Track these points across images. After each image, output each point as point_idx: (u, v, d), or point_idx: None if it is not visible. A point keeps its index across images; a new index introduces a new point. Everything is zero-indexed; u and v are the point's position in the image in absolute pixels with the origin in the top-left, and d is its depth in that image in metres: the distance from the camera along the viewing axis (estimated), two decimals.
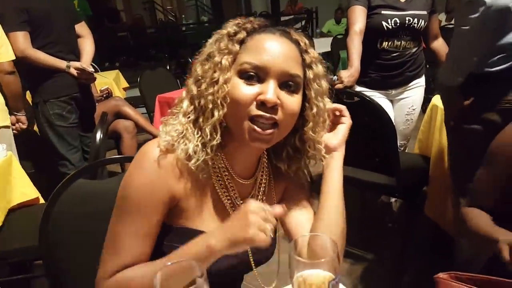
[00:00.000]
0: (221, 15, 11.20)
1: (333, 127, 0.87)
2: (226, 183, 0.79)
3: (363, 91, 2.04)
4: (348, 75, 1.86)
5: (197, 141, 0.72)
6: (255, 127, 0.70)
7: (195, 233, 0.73)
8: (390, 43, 1.96)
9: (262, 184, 0.85)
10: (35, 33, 2.08)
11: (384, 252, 2.10)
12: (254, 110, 0.70)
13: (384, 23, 1.91)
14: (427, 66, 2.25)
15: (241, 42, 0.74)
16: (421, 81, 2.14)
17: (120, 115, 3.00)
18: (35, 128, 2.42)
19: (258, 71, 0.71)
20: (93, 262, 0.75)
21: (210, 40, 0.77)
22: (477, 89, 1.31)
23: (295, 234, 0.85)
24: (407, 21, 1.91)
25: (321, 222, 0.82)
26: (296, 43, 0.76)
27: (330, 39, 6.27)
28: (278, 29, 0.76)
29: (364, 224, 2.30)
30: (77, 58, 2.30)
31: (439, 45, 2.10)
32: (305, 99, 0.77)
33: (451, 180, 1.58)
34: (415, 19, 1.92)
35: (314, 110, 0.78)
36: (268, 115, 0.70)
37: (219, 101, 0.71)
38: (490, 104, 1.27)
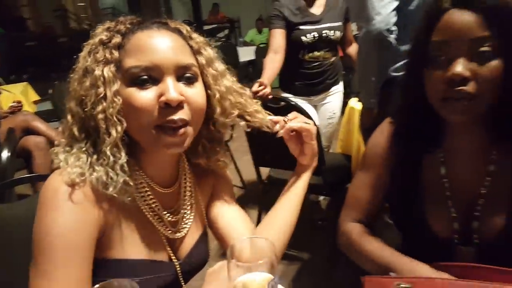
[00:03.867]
0: None
1: (300, 146, 0.83)
2: (148, 198, 0.73)
3: (288, 97, 2.18)
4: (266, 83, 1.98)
5: (105, 166, 0.65)
6: (165, 134, 0.66)
7: (128, 263, 0.69)
8: (310, 54, 2.15)
9: (188, 188, 0.81)
10: None
11: (317, 250, 2.18)
12: (159, 117, 0.65)
13: (303, 38, 2.09)
14: (343, 72, 2.43)
15: (119, 47, 0.67)
16: (339, 87, 2.33)
17: (29, 131, 2.72)
18: None
19: (151, 72, 0.65)
20: None
21: (82, 54, 0.70)
22: (385, 91, 1.42)
23: (227, 234, 0.84)
24: (324, 34, 2.10)
25: (270, 231, 0.82)
26: (178, 31, 0.72)
27: (253, 48, 6.43)
28: (152, 23, 0.71)
29: (295, 224, 2.37)
30: None
31: (354, 50, 2.27)
32: (205, 86, 0.73)
33: None
34: (331, 31, 2.10)
35: (217, 95, 0.74)
36: (176, 117, 0.65)
37: (114, 118, 0.64)
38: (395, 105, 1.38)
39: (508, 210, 0.77)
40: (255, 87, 1.90)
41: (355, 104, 2.12)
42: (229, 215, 0.86)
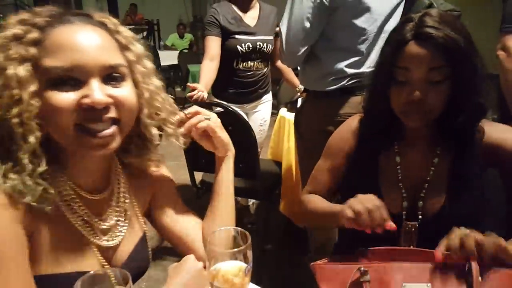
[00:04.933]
0: None
1: (205, 141, 0.83)
2: (75, 206, 0.68)
3: (221, 103, 2.21)
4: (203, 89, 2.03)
5: (21, 175, 0.59)
6: (88, 135, 0.62)
7: (59, 277, 0.64)
8: (244, 63, 2.22)
9: (121, 194, 0.76)
10: None
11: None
12: (79, 117, 0.60)
13: (239, 47, 2.16)
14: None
15: (36, 43, 0.60)
16: (269, 97, 2.47)
17: None
18: None
19: (73, 74, 0.59)
20: None
21: None
22: (317, 104, 1.56)
23: (187, 235, 0.85)
24: (258, 46, 2.19)
25: (214, 222, 0.85)
26: (103, 25, 0.66)
27: (175, 52, 6.37)
28: (76, 16, 0.64)
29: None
30: None
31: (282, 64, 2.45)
32: (134, 84, 0.68)
33: (300, 180, 1.84)
34: (264, 44, 2.21)
35: (146, 94, 0.70)
36: (100, 127, 0.62)
37: (31, 123, 0.58)
38: (327, 117, 1.50)
39: (445, 194, 0.94)
40: (188, 92, 1.93)
41: (286, 113, 2.29)
42: (180, 218, 0.86)
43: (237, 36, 2.16)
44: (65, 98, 0.59)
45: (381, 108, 0.96)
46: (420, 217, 0.96)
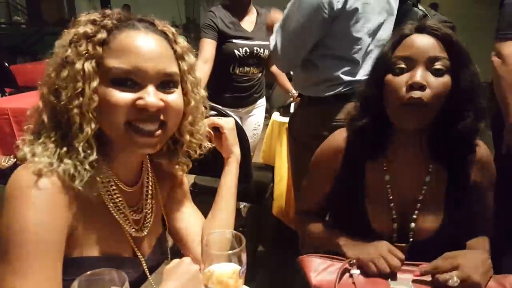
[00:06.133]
0: (38, 16, 9.90)
1: (216, 140, 0.90)
2: (115, 196, 0.73)
3: (216, 107, 2.21)
4: None
5: (73, 160, 0.64)
6: (138, 135, 0.66)
7: (94, 260, 0.69)
8: (241, 69, 2.22)
9: (149, 188, 0.82)
10: None
11: None
12: (132, 116, 0.65)
13: (236, 51, 2.16)
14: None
15: (103, 43, 0.65)
16: (263, 101, 2.48)
17: None
18: None
19: (133, 76, 0.65)
20: None
21: (61, 42, 0.67)
22: (312, 109, 1.57)
23: (187, 234, 0.88)
24: (255, 51, 2.20)
25: (214, 222, 0.88)
26: (164, 34, 0.71)
27: None
28: (141, 23, 0.69)
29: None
30: None
31: (277, 69, 2.46)
32: (182, 92, 0.73)
33: (292, 183, 1.86)
34: (261, 49, 2.22)
35: (192, 103, 0.75)
36: (152, 128, 0.67)
37: (89, 115, 0.63)
38: (322, 122, 1.51)
39: (441, 215, 0.89)
40: None
41: (278, 117, 2.31)
42: (187, 218, 0.90)
43: (234, 41, 2.15)
44: (122, 96, 0.64)
45: (374, 106, 0.89)
46: (411, 239, 0.91)
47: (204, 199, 0.96)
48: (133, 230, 0.77)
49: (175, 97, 0.70)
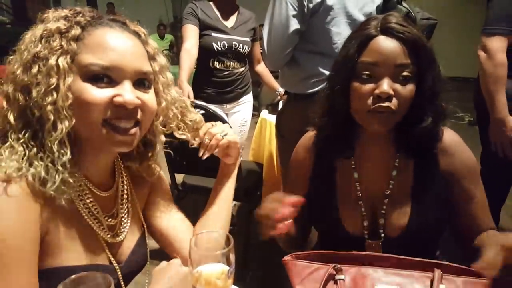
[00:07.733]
0: (24, 17, 9.75)
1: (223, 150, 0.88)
2: (88, 201, 0.71)
3: (201, 105, 2.20)
4: (187, 90, 2.00)
5: (45, 161, 0.61)
6: (115, 132, 0.65)
7: (68, 270, 0.65)
8: (221, 63, 2.22)
9: (125, 192, 0.80)
10: None
11: None
12: (109, 114, 0.64)
13: (214, 44, 2.16)
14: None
15: (77, 39, 0.64)
16: (249, 97, 2.47)
17: None
18: None
19: (109, 73, 0.64)
20: None
21: (28, 37, 0.65)
22: (298, 106, 1.58)
23: (175, 235, 0.87)
24: (233, 45, 2.20)
25: (207, 225, 0.87)
26: (137, 35, 0.71)
27: None
28: (114, 21, 0.69)
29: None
30: None
31: (262, 68, 2.48)
32: (154, 93, 0.73)
33: (282, 180, 1.86)
34: (240, 44, 2.22)
35: (164, 104, 0.75)
36: (128, 125, 0.66)
37: (64, 112, 0.61)
38: (308, 117, 1.55)
39: (409, 208, 0.89)
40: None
41: (267, 115, 2.31)
42: (172, 219, 0.89)
43: (213, 34, 2.16)
44: (99, 93, 0.63)
45: (339, 107, 0.88)
46: (382, 235, 0.91)
47: (193, 198, 0.95)
48: (108, 236, 0.75)
49: (150, 97, 0.70)
